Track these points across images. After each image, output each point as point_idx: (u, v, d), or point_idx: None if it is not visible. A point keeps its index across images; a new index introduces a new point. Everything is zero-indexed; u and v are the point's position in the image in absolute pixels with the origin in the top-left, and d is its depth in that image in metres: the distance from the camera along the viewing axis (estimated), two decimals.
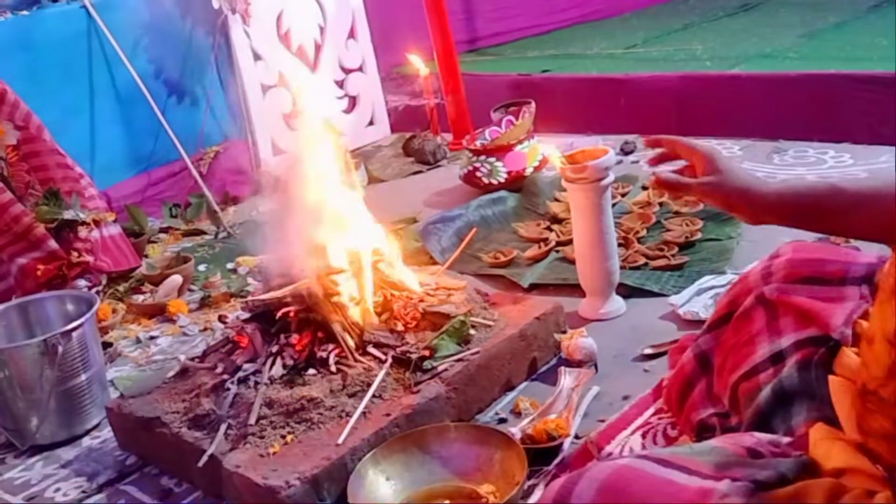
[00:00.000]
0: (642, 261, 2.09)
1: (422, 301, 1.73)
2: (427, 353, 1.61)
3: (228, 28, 3.03)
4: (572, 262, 2.01)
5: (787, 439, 0.98)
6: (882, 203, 0.91)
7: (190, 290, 2.42)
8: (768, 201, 1.00)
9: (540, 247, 2.27)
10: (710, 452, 0.90)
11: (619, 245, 2.12)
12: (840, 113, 2.68)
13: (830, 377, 1.01)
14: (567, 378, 1.62)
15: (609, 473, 0.76)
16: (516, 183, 2.66)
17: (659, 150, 1.16)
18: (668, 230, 2.23)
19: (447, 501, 1.39)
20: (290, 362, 1.60)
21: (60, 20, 2.76)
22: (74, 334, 1.76)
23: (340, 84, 3.47)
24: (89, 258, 2.30)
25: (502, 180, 2.67)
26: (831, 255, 1.23)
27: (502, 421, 1.60)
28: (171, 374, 1.73)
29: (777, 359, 1.14)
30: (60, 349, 1.72)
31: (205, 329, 2.18)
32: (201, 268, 2.55)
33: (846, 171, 2.45)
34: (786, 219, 1.03)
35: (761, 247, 1.30)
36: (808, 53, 3.10)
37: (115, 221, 2.49)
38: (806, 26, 3.49)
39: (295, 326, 1.66)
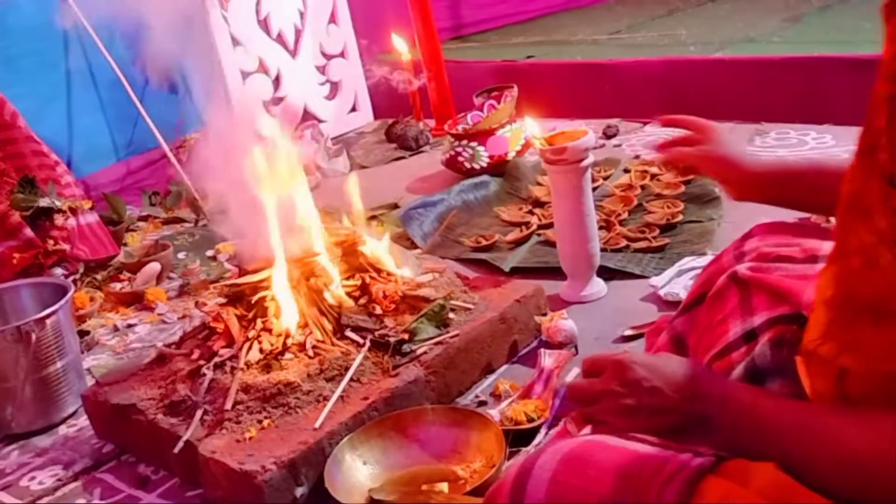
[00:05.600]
0: (624, 243, 2.08)
1: (402, 284, 1.71)
2: (406, 336, 1.59)
3: (206, 13, 2.99)
4: (554, 244, 1.99)
5: None
6: None
7: (169, 277, 2.39)
8: (754, 171, 1.15)
9: (521, 230, 2.25)
10: None
11: (601, 228, 2.11)
12: (823, 96, 2.67)
13: (798, 357, 1.00)
14: (547, 360, 1.60)
15: (573, 445, 0.76)
16: (498, 167, 2.64)
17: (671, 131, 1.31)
18: (650, 212, 2.22)
19: (440, 485, 1.35)
20: (267, 347, 1.58)
21: (34, 6, 2.72)
22: (48, 321, 1.74)
23: (322, 70, 3.43)
24: (66, 246, 2.27)
25: (484, 165, 2.65)
26: (803, 234, 1.23)
27: (482, 404, 1.59)
28: (146, 360, 1.71)
29: (749, 337, 1.13)
30: (34, 336, 1.70)
31: (183, 317, 2.15)
32: (181, 255, 2.52)
33: (827, 151, 2.44)
34: (768, 190, 1.16)
35: (742, 228, 1.30)
36: (793, 37, 3.09)
37: (92, 209, 2.46)
38: (790, 10, 3.48)
39: (272, 311, 1.64)
